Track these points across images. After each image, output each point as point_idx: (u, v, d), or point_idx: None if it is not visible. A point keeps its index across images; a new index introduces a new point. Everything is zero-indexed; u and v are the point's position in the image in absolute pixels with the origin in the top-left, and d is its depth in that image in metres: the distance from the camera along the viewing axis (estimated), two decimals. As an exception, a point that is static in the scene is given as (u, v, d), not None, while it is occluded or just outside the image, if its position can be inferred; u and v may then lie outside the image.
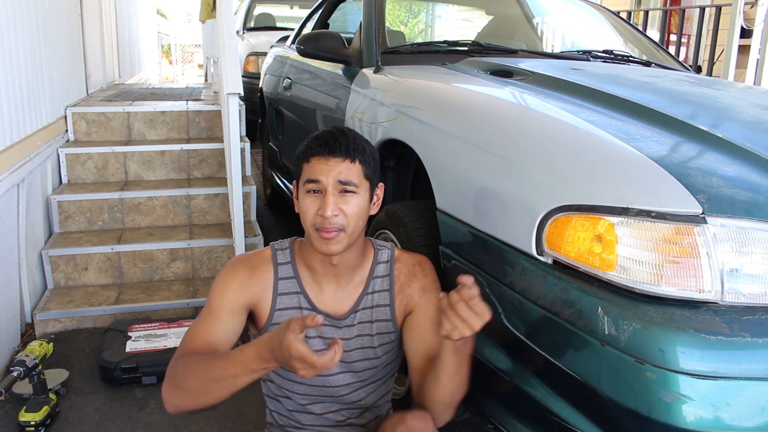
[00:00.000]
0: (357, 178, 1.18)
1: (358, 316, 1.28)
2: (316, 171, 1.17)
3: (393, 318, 1.30)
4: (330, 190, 1.16)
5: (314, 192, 1.18)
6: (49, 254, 2.56)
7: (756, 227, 1.04)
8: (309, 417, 1.31)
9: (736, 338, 0.96)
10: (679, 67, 2.49)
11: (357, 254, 1.27)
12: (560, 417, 1.13)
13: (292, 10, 6.94)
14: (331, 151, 1.17)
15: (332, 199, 1.16)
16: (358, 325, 1.28)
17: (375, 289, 1.30)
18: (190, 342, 1.20)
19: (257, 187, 3.31)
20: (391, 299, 1.30)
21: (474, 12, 3.19)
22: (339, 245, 1.18)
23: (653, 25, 6.25)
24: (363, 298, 1.29)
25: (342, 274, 1.27)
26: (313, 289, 1.28)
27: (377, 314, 1.29)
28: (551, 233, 1.15)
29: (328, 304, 1.28)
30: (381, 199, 1.29)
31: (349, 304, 1.29)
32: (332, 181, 1.16)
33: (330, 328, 1.27)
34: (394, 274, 1.31)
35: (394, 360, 1.35)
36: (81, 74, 3.69)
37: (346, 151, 1.17)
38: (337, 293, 1.28)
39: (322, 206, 1.16)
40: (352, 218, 1.18)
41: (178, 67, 14.26)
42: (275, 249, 1.30)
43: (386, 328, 1.29)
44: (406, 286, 1.31)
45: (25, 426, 1.74)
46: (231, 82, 2.28)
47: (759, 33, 3.81)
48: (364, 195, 1.20)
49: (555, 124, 1.38)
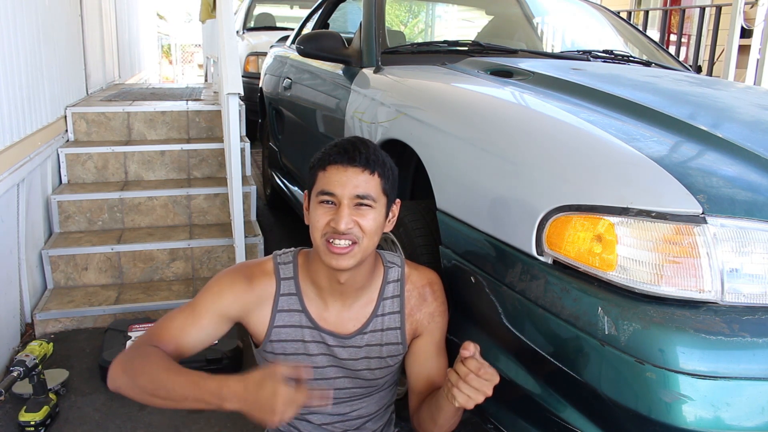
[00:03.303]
0: (375, 192, 1.12)
1: (366, 338, 1.24)
2: (332, 182, 1.11)
3: (403, 341, 1.27)
4: (345, 202, 1.10)
5: (328, 203, 1.12)
6: (49, 254, 2.56)
7: (756, 227, 1.04)
8: (308, 426, 1.29)
9: (736, 338, 0.96)
10: (679, 67, 2.49)
11: (366, 273, 1.21)
12: (560, 417, 1.13)
13: (292, 10, 6.94)
14: (350, 160, 1.11)
15: (347, 212, 1.10)
16: (366, 347, 1.24)
17: (385, 311, 1.25)
18: (162, 332, 1.16)
19: (257, 187, 3.31)
20: (402, 322, 1.26)
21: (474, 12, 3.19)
22: (350, 260, 1.12)
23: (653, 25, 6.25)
24: (372, 320, 1.24)
25: (349, 293, 1.22)
26: (317, 307, 1.22)
27: (387, 337, 1.25)
28: (551, 233, 1.15)
29: (331, 322, 1.23)
30: (396, 217, 1.22)
31: (355, 325, 1.24)
32: (348, 194, 1.10)
33: (338, 348, 1.23)
34: (405, 296, 1.26)
35: (398, 370, 1.34)
36: (81, 74, 3.69)
37: (366, 162, 1.11)
38: (342, 312, 1.23)
39: (335, 219, 1.10)
40: (368, 233, 1.12)
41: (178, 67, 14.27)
42: (278, 262, 1.24)
43: (396, 351, 1.27)
44: (416, 310, 1.27)
45: (25, 426, 1.74)
46: (231, 82, 2.28)
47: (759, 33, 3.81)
48: (381, 210, 1.14)
49: (555, 124, 1.38)
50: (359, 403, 1.30)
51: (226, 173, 2.94)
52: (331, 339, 1.22)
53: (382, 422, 1.36)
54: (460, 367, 1.05)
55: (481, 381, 1.03)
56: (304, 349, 1.22)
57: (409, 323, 1.26)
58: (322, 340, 1.22)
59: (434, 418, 1.18)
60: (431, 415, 1.20)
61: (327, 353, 1.23)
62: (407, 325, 1.26)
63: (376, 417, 1.34)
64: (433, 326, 1.28)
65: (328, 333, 1.22)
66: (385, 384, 1.31)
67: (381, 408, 1.34)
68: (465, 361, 1.05)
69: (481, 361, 1.05)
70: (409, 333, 1.27)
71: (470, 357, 1.05)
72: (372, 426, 1.33)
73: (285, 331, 1.21)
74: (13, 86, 2.34)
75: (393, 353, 1.26)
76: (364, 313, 1.24)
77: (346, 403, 1.28)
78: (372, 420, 1.33)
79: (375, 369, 1.26)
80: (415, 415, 1.28)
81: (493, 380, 1.04)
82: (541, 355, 1.15)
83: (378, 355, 1.25)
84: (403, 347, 1.27)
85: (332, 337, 1.22)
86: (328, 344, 1.22)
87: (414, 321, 1.27)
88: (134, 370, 1.09)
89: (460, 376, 1.04)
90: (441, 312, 1.29)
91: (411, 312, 1.27)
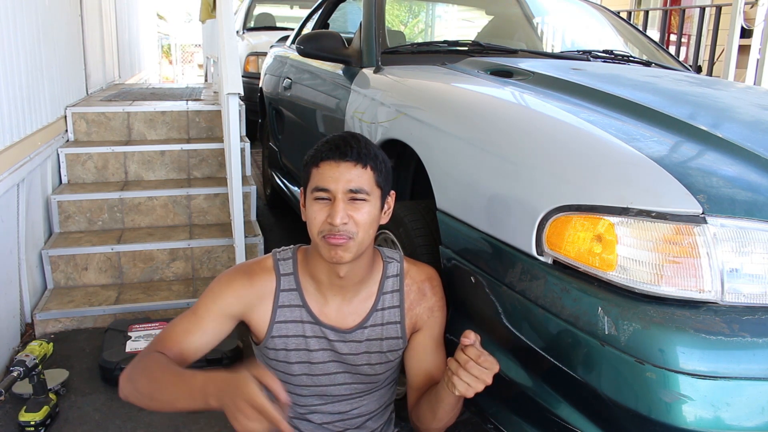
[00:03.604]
0: (368, 185, 1.14)
1: (367, 332, 1.25)
2: (325, 178, 1.12)
3: (403, 335, 1.28)
4: (340, 197, 1.11)
5: (323, 200, 1.14)
6: (49, 254, 2.56)
7: (756, 227, 1.04)
8: (309, 425, 1.30)
9: (736, 338, 0.96)
10: (679, 67, 2.49)
11: (365, 267, 1.23)
12: (560, 417, 1.13)
13: (292, 10, 6.94)
14: (342, 155, 1.12)
15: (342, 206, 1.11)
16: (366, 342, 1.25)
17: (385, 306, 1.26)
18: (165, 339, 1.16)
19: (257, 187, 3.31)
20: (402, 316, 1.27)
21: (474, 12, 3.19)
22: (348, 253, 1.13)
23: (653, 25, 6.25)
24: (372, 314, 1.25)
25: (348, 287, 1.23)
26: (317, 302, 1.23)
27: (387, 332, 1.26)
28: (551, 233, 1.15)
29: (332, 317, 1.23)
30: (392, 209, 1.24)
31: (356, 319, 1.25)
32: (342, 188, 1.12)
33: (338, 343, 1.23)
34: (404, 291, 1.28)
35: (398, 368, 1.34)
36: (81, 74, 3.69)
37: (358, 156, 1.13)
38: (342, 306, 1.24)
39: (331, 214, 1.11)
40: (363, 226, 1.13)
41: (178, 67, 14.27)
42: (277, 258, 1.25)
43: (396, 346, 1.27)
44: (415, 305, 1.28)
45: (25, 426, 1.74)
46: (231, 82, 2.28)
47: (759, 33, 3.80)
48: (375, 203, 1.16)
49: (555, 124, 1.38)
50: (360, 401, 1.30)
51: (226, 173, 2.94)
52: (331, 334, 1.23)
53: (382, 421, 1.36)
54: (460, 354, 1.07)
55: (481, 369, 1.04)
56: (305, 344, 1.23)
57: (408, 317, 1.27)
58: (323, 335, 1.23)
59: (434, 410, 1.19)
60: (431, 407, 1.20)
61: (328, 348, 1.24)
62: (407, 320, 1.27)
63: (376, 415, 1.34)
64: (432, 321, 1.29)
65: (328, 328, 1.23)
66: (385, 381, 1.32)
67: (381, 406, 1.34)
68: (465, 349, 1.06)
69: (480, 350, 1.06)
70: (408, 327, 1.28)
71: (470, 345, 1.06)
72: (372, 425, 1.33)
73: (286, 326, 1.22)
74: (13, 86, 2.34)
75: (393, 348, 1.27)
76: (364, 307, 1.25)
77: (347, 401, 1.29)
78: (372, 418, 1.33)
79: (375, 364, 1.26)
80: (414, 410, 1.28)
81: (492, 369, 1.06)
82: (541, 355, 1.15)
83: (378, 350, 1.26)
84: (403, 341, 1.28)
85: (333, 331, 1.23)
86: (329, 339, 1.23)
87: (414, 315, 1.28)
88: (135, 376, 1.10)
89: (460, 363, 1.06)
90: (440, 307, 1.30)
91: (411, 306, 1.28)
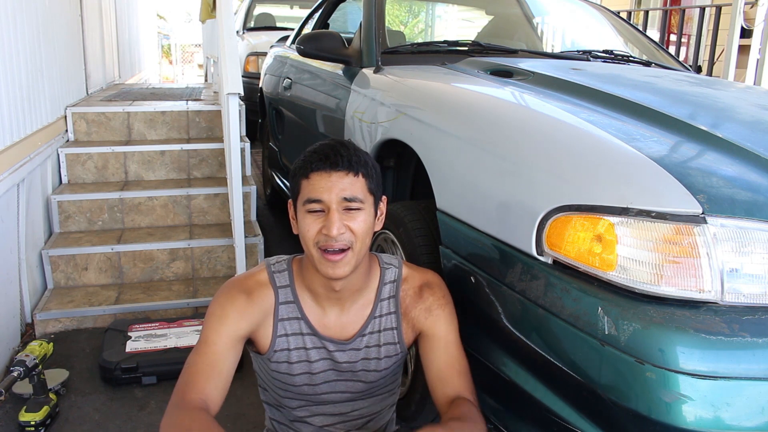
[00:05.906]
0: (362, 192, 1.12)
1: (365, 340, 1.24)
2: (317, 189, 1.10)
3: (401, 340, 1.26)
4: (334, 207, 1.09)
5: (316, 212, 1.11)
6: (49, 254, 2.56)
7: (756, 227, 1.04)
8: (309, 428, 1.29)
9: (736, 338, 0.96)
10: (679, 67, 2.49)
11: (362, 276, 1.21)
12: (560, 417, 1.13)
13: (292, 10, 6.94)
14: (333, 165, 1.10)
15: (337, 216, 1.09)
16: (365, 349, 1.24)
17: (382, 313, 1.25)
18: (189, 390, 1.08)
19: (257, 187, 3.31)
20: (398, 322, 1.25)
21: (474, 12, 3.19)
22: (346, 267, 1.11)
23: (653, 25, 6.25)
24: (370, 321, 1.24)
25: (345, 298, 1.21)
26: (316, 314, 1.21)
27: (385, 338, 1.25)
28: (551, 233, 1.15)
29: (331, 328, 1.22)
30: (384, 214, 1.23)
31: (354, 328, 1.23)
32: (336, 198, 1.09)
33: (337, 352, 1.23)
34: (400, 296, 1.26)
35: (398, 370, 1.33)
36: (81, 74, 3.69)
37: (349, 164, 1.10)
38: (341, 317, 1.22)
39: (326, 225, 1.09)
40: (360, 235, 1.11)
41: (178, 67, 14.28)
42: (272, 271, 1.22)
43: (394, 351, 1.26)
44: (411, 308, 1.26)
45: (25, 426, 1.74)
46: (231, 82, 2.28)
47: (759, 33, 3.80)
48: (370, 210, 1.14)
49: (555, 124, 1.38)
50: (360, 403, 1.29)
51: (226, 173, 2.94)
52: (331, 345, 1.22)
53: (383, 422, 1.36)
54: None
55: None
56: (306, 356, 1.22)
57: (405, 322, 1.26)
58: (322, 345, 1.22)
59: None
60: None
61: (327, 357, 1.23)
62: (404, 325, 1.26)
63: (378, 417, 1.34)
64: (432, 320, 1.25)
65: (328, 340, 1.22)
66: (385, 384, 1.31)
67: (382, 408, 1.34)
68: None
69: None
70: (407, 332, 1.26)
71: None
72: (373, 426, 1.33)
73: (287, 339, 1.21)
74: (13, 86, 2.34)
75: (391, 353, 1.26)
76: (361, 315, 1.24)
77: (347, 403, 1.28)
78: (373, 420, 1.33)
79: (373, 370, 1.25)
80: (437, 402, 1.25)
81: None
82: (540, 355, 1.15)
83: (376, 356, 1.25)
84: (400, 346, 1.27)
85: (332, 343, 1.22)
86: (329, 350, 1.22)
87: (410, 319, 1.26)
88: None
89: None
90: (440, 305, 1.26)
91: (406, 311, 1.26)
